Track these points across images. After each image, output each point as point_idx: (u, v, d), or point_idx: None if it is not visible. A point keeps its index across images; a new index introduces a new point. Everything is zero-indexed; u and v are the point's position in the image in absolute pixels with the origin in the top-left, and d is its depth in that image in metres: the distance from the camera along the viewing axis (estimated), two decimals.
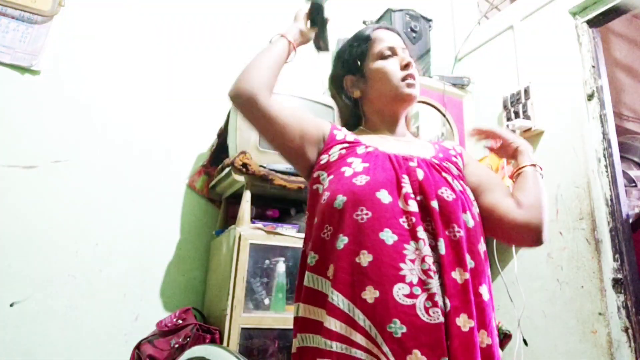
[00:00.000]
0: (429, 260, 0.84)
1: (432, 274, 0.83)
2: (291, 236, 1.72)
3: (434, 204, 0.89)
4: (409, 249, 0.85)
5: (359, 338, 0.82)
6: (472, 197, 0.99)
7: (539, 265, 1.90)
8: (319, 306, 0.89)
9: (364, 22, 2.45)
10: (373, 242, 0.86)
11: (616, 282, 1.65)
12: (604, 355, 1.62)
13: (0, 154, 1.76)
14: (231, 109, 1.95)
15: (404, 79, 1.07)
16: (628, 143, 2.70)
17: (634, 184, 2.36)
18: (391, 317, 0.80)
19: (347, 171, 0.95)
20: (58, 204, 1.81)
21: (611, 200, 1.74)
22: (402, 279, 0.83)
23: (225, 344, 1.53)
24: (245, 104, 1.00)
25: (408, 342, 0.79)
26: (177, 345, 1.57)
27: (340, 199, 0.91)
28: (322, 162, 1.03)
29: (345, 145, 1.03)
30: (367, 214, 0.88)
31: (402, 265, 0.84)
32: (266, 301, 1.69)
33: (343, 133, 1.07)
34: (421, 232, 0.87)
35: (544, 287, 1.87)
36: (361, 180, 0.91)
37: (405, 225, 0.88)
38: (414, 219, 0.88)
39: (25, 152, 1.80)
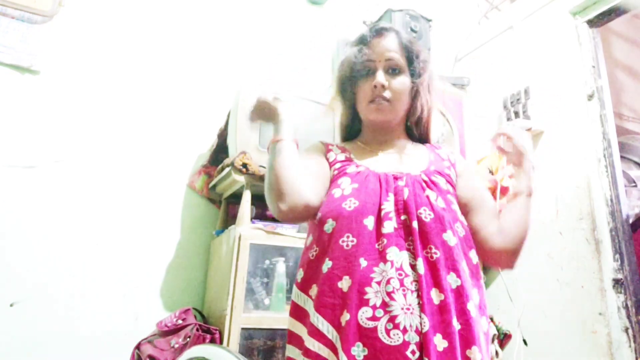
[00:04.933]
0: (394, 282, 0.87)
1: (395, 295, 0.86)
2: (291, 236, 1.72)
3: (415, 224, 0.91)
4: (377, 271, 0.88)
5: None
6: (457, 211, 0.99)
7: (539, 265, 1.90)
8: (301, 322, 0.95)
9: (364, 22, 2.45)
10: (354, 268, 0.89)
11: (616, 282, 1.65)
12: (604, 355, 1.62)
13: (0, 154, 1.77)
14: (231, 109, 1.94)
15: (371, 101, 1.06)
16: (628, 143, 2.70)
17: (634, 184, 2.36)
18: (355, 340, 0.84)
19: (337, 192, 0.98)
20: (58, 204, 1.81)
21: (611, 200, 1.74)
22: (366, 303, 0.86)
23: (225, 344, 1.53)
24: (304, 212, 0.97)
25: None
26: (177, 345, 1.57)
27: (330, 223, 0.94)
28: None
29: (338, 165, 1.06)
30: (352, 241, 0.91)
31: (367, 289, 0.87)
32: (266, 301, 1.69)
33: (334, 153, 1.09)
34: (391, 254, 0.89)
35: (544, 287, 1.87)
36: (350, 205, 0.94)
37: (379, 248, 0.90)
38: (385, 241, 0.90)
39: (25, 152, 1.80)
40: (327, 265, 0.92)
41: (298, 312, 0.97)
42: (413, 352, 0.83)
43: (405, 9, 2.28)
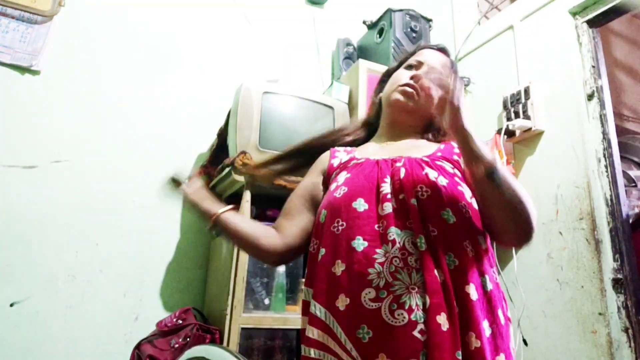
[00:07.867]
0: (397, 262, 0.85)
1: (399, 275, 0.84)
2: None
3: (413, 201, 0.90)
4: (380, 252, 0.87)
5: (332, 345, 0.85)
6: (465, 192, 0.94)
7: (539, 265, 1.90)
8: (307, 315, 0.94)
9: (364, 22, 2.45)
10: (346, 251, 0.88)
11: (616, 282, 1.65)
12: (604, 355, 1.62)
13: (0, 154, 1.76)
14: (231, 109, 1.94)
15: (402, 85, 1.07)
16: (628, 143, 2.70)
17: (634, 184, 2.36)
18: (360, 322, 0.83)
19: (332, 186, 1.00)
20: (58, 204, 1.81)
21: (611, 200, 1.74)
22: (369, 284, 0.84)
23: (225, 344, 1.53)
24: (289, 254, 1.06)
25: (374, 346, 0.81)
26: (177, 345, 1.57)
27: (323, 213, 0.96)
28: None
29: (340, 166, 1.07)
30: (342, 225, 0.91)
31: (370, 270, 0.85)
32: (266, 301, 1.69)
33: (339, 159, 1.10)
34: (392, 234, 0.87)
35: (544, 287, 1.87)
36: (340, 192, 0.95)
37: (380, 230, 0.89)
38: (385, 222, 0.89)
39: (25, 152, 1.80)
40: (321, 253, 0.93)
41: (306, 308, 0.96)
42: (422, 332, 0.80)
43: (405, 9, 2.29)
